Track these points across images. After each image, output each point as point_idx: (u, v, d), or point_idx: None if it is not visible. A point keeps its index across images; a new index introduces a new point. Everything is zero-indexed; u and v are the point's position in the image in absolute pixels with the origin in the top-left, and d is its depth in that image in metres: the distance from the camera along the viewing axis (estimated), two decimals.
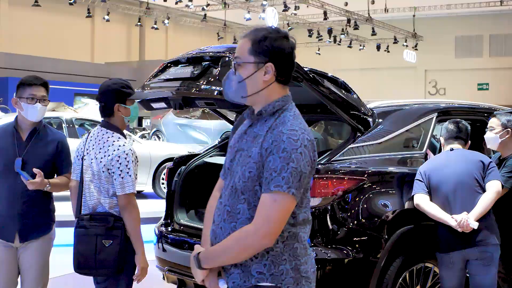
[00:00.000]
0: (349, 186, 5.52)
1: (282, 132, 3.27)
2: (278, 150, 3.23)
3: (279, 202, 3.22)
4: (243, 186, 3.33)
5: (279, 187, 3.21)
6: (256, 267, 3.33)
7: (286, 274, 3.34)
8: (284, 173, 3.21)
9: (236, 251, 3.29)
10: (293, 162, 3.21)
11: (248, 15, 32.03)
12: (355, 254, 5.45)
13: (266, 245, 3.27)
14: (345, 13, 33.53)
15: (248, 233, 3.25)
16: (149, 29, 35.21)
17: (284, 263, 3.35)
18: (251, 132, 3.43)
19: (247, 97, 3.44)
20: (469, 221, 5.56)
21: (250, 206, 3.33)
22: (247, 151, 3.37)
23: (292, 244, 3.38)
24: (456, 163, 5.84)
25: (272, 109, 3.40)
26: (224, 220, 3.40)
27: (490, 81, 40.43)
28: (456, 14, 39.83)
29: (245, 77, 3.40)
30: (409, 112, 6.49)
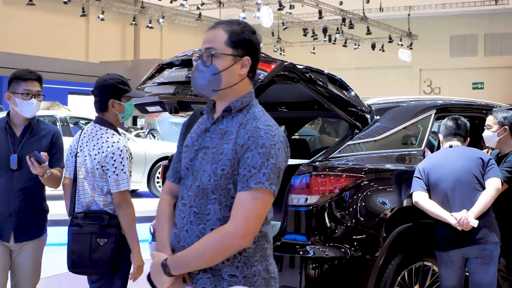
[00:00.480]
0: (347, 184, 5.46)
1: (258, 128, 3.15)
2: (257, 146, 3.10)
3: (260, 199, 3.09)
4: (215, 185, 3.17)
5: (261, 183, 3.07)
6: (228, 269, 3.18)
7: (258, 276, 3.22)
8: (265, 169, 3.08)
9: (212, 254, 3.12)
10: (272, 158, 3.09)
11: (243, 14, 31.97)
12: (353, 252, 5.38)
13: (245, 245, 3.14)
14: (340, 12, 33.49)
15: (227, 233, 3.09)
16: (144, 28, 35.17)
17: (256, 264, 3.23)
18: (216, 129, 3.28)
19: (219, 91, 3.28)
20: (469, 219, 5.50)
21: (221, 206, 3.18)
22: (215, 148, 3.21)
23: (263, 244, 3.27)
24: (455, 160, 5.79)
25: (241, 105, 3.28)
26: (191, 222, 3.22)
27: (485, 80, 40.47)
28: (451, 13, 39.85)
29: (222, 69, 3.25)
30: (408, 109, 6.45)
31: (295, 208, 5.36)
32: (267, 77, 5.12)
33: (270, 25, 30.70)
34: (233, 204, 3.14)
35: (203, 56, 3.29)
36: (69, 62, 31.53)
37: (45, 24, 33.70)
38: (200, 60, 3.30)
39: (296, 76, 5.35)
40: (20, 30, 32.61)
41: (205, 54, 3.28)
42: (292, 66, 5.30)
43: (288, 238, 5.38)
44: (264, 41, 40.59)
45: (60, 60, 30.99)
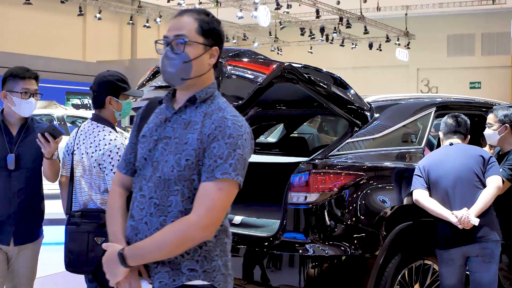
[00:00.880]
0: (347, 182, 5.41)
1: (225, 118, 3.11)
2: (224, 136, 3.06)
3: (225, 190, 3.05)
4: (178, 176, 3.10)
5: (227, 174, 3.03)
6: (188, 263, 3.11)
7: (218, 271, 3.18)
8: (231, 159, 3.04)
9: (173, 244, 3.03)
10: (239, 148, 3.07)
11: (240, 13, 31.93)
12: (353, 251, 5.34)
13: (207, 237, 3.07)
14: (338, 11, 33.45)
15: (189, 224, 3.02)
16: (141, 27, 35.10)
17: (217, 258, 3.18)
18: (179, 119, 3.21)
19: (187, 80, 3.22)
20: (470, 218, 5.46)
21: (184, 198, 3.11)
22: (179, 138, 3.14)
23: (223, 239, 3.24)
24: (455, 157, 5.75)
25: (205, 95, 3.23)
26: (151, 214, 3.14)
27: (482, 79, 40.45)
28: (448, 13, 39.82)
29: (193, 57, 3.19)
30: (407, 107, 6.41)
31: (295, 206, 5.32)
32: (265, 79, 5.10)
33: (268, 25, 30.65)
34: (197, 194, 3.08)
35: (173, 43, 3.22)
36: (66, 62, 31.48)
37: (42, 24, 33.64)
38: (169, 47, 3.22)
39: (295, 77, 5.32)
40: (17, 30, 32.55)
41: (176, 41, 3.21)
42: (290, 67, 5.26)
43: (287, 237, 5.34)
44: (261, 40, 40.61)
45: (57, 60, 30.94)
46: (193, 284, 3.12)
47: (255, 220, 5.96)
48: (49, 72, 27.82)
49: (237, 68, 5.26)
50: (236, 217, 6.04)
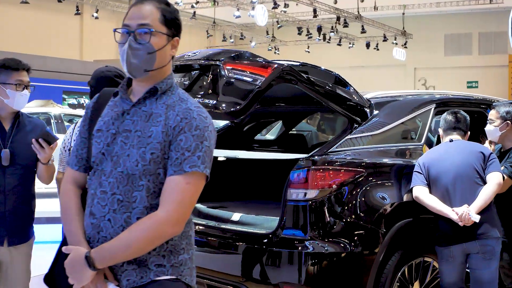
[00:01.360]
0: (346, 178, 5.39)
1: (190, 109, 3.06)
2: (191, 127, 3.01)
3: (194, 183, 3.02)
4: (143, 171, 3.01)
5: (196, 167, 3.00)
6: (155, 259, 3.05)
7: (185, 265, 3.13)
8: (199, 152, 3.00)
9: (143, 242, 2.96)
10: (206, 140, 3.03)
11: (237, 12, 31.91)
12: (353, 248, 5.31)
13: (177, 232, 3.03)
14: (335, 11, 33.43)
15: (158, 220, 2.95)
16: None
17: (183, 252, 3.13)
18: (138, 112, 3.11)
19: (150, 71, 3.11)
20: (470, 214, 5.44)
21: (149, 193, 3.03)
22: (141, 131, 3.05)
23: (188, 232, 3.19)
24: (455, 154, 5.73)
25: (166, 86, 3.16)
26: (114, 210, 3.04)
27: (480, 79, 40.43)
28: (446, 12, 39.77)
29: (158, 48, 3.10)
30: (407, 103, 6.39)
31: (294, 203, 5.29)
32: (264, 82, 5.08)
33: (265, 24, 30.67)
34: (163, 189, 3.02)
35: (136, 32, 3.10)
36: (63, 61, 31.38)
37: (39, 23, 33.56)
38: (132, 36, 3.10)
39: (294, 78, 5.31)
40: (14, 28, 32.48)
41: (139, 31, 3.09)
42: (289, 69, 5.25)
43: (286, 234, 5.30)
44: (258, 39, 40.58)
45: (54, 59, 30.85)
46: (161, 279, 3.07)
47: (253, 217, 5.94)
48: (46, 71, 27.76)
49: (235, 71, 5.22)
50: (235, 214, 6.01)
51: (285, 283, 5.23)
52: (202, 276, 5.75)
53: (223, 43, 40.57)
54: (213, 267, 5.70)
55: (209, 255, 5.79)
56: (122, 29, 3.15)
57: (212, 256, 5.77)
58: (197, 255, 5.83)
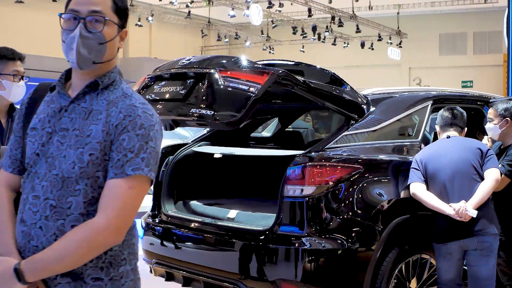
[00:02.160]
0: (343, 174, 5.37)
1: (134, 106, 2.78)
2: (135, 126, 2.72)
3: (137, 188, 2.71)
4: (80, 173, 2.70)
5: (140, 170, 2.69)
6: (91, 272, 2.73)
7: (127, 277, 2.82)
8: (143, 153, 2.71)
9: (79, 253, 2.65)
10: (151, 140, 2.74)
11: (232, 12, 31.87)
12: (350, 244, 5.29)
13: (118, 242, 2.73)
14: (330, 10, 33.41)
15: (97, 228, 2.65)
16: (133, 26, 34.98)
17: (124, 263, 2.82)
18: (77, 108, 2.81)
19: (98, 64, 2.83)
20: (467, 210, 5.41)
21: (86, 199, 2.71)
22: (79, 130, 2.75)
23: (130, 240, 2.86)
24: (453, 150, 5.71)
25: (108, 80, 2.86)
26: (47, 217, 2.71)
27: (474, 78, 40.47)
28: (440, 12, 39.81)
29: (109, 39, 2.82)
30: (404, 100, 6.38)
31: (291, 199, 5.27)
32: (260, 90, 5.06)
33: (260, 23, 30.64)
34: (103, 193, 2.71)
35: (87, 20, 2.80)
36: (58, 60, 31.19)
37: (34, 22, 33.51)
38: (82, 24, 2.79)
39: (290, 83, 5.30)
40: (9, 28, 32.43)
41: (90, 18, 2.80)
42: (285, 74, 5.24)
43: (283, 230, 5.29)
44: (253, 39, 40.54)
45: (49, 58, 30.79)
46: None
47: (250, 214, 5.92)
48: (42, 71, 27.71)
49: (231, 79, 5.20)
50: (231, 211, 5.99)
51: (282, 280, 5.21)
52: (199, 274, 5.74)
53: (217, 42, 40.54)
54: (210, 264, 5.68)
55: (206, 252, 5.78)
56: (69, 14, 2.84)
57: (209, 253, 5.75)
58: (194, 252, 5.88)
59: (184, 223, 6.10)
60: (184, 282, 5.96)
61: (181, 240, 6.00)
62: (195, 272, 5.80)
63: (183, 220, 6.15)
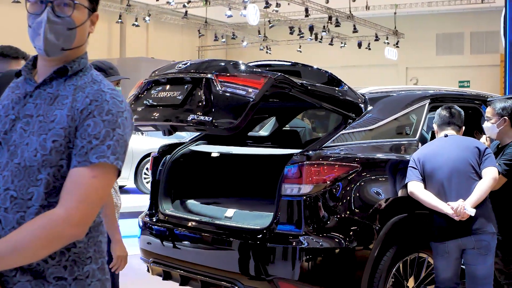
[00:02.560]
0: (341, 173, 5.37)
1: (102, 91, 2.59)
2: (101, 111, 2.53)
3: (101, 177, 2.50)
4: (42, 162, 2.52)
5: (105, 157, 2.49)
6: (54, 270, 2.54)
7: (93, 277, 2.63)
8: (110, 140, 2.51)
9: (36, 245, 2.43)
10: (119, 127, 2.54)
11: (229, 12, 31.87)
12: (347, 243, 5.29)
13: (79, 235, 2.51)
14: (327, 10, 33.40)
15: (56, 219, 2.43)
16: (130, 26, 34.97)
17: (90, 262, 2.63)
18: (43, 94, 2.63)
19: (67, 51, 2.66)
20: (465, 208, 5.41)
21: (48, 189, 2.53)
22: (43, 116, 2.57)
23: (96, 237, 2.68)
24: (451, 149, 5.70)
25: (78, 66, 2.69)
26: (6, 209, 2.53)
27: (471, 78, 40.49)
28: (437, 12, 39.83)
29: (79, 24, 2.65)
30: (402, 99, 6.38)
31: (288, 198, 5.27)
32: (258, 95, 5.07)
33: (257, 23, 30.65)
34: (65, 182, 2.51)
35: (55, 3, 2.63)
36: None
37: None
38: (50, 8, 2.62)
39: (288, 86, 5.31)
40: (5, 28, 32.40)
41: (58, 2, 2.64)
42: (282, 77, 5.25)
43: (281, 229, 5.29)
44: (250, 39, 40.54)
45: None
46: None
47: (248, 213, 5.92)
48: None
49: (228, 84, 5.21)
50: (229, 210, 5.99)
51: (280, 278, 5.21)
52: (196, 273, 5.74)
53: (214, 42, 40.55)
54: (207, 263, 5.68)
55: (203, 251, 5.78)
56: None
57: (206, 252, 5.75)
58: (191, 251, 5.88)
59: (181, 222, 6.10)
60: (181, 281, 5.96)
61: (178, 239, 6.00)
62: (192, 271, 5.80)
63: (181, 219, 6.15)
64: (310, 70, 6.08)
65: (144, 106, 5.73)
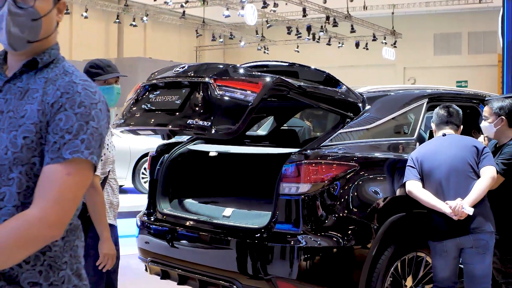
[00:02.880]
0: (339, 172, 5.36)
1: (74, 82, 2.42)
2: (73, 104, 2.36)
3: (76, 174, 2.34)
4: (13, 160, 2.37)
5: (79, 153, 2.33)
6: (28, 276, 2.39)
7: (68, 283, 2.47)
8: (83, 134, 2.35)
9: (8, 249, 2.26)
10: (93, 120, 2.38)
11: (227, 12, 31.90)
12: (345, 242, 5.29)
13: (55, 236, 2.34)
14: (324, 10, 33.46)
15: (30, 221, 2.27)
16: (128, 26, 35.02)
17: (65, 267, 2.47)
18: (13, 88, 2.48)
19: (34, 43, 2.51)
20: (464, 207, 5.40)
21: (21, 189, 2.38)
22: (13, 111, 2.42)
23: (73, 241, 2.52)
24: (449, 148, 5.69)
25: (49, 58, 2.54)
26: None
27: (469, 78, 40.52)
28: (435, 12, 39.87)
29: (44, 13, 2.49)
30: (400, 98, 6.38)
31: (286, 197, 5.27)
32: (256, 99, 5.08)
33: (254, 23, 30.67)
34: (38, 181, 2.36)
35: None
36: None
37: None
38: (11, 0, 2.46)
39: (286, 88, 5.32)
40: None
41: None
42: (280, 80, 5.25)
43: (279, 228, 5.28)
44: (248, 39, 40.56)
45: None
46: None
47: (246, 212, 5.91)
48: None
49: (226, 88, 5.21)
50: (227, 209, 5.99)
51: (278, 277, 5.21)
52: (194, 272, 5.73)
53: (212, 42, 40.55)
54: (205, 262, 5.67)
55: (201, 251, 5.77)
56: None
57: (204, 252, 5.75)
58: (189, 250, 5.87)
59: (179, 221, 6.10)
60: (179, 280, 5.95)
61: (176, 238, 5.99)
62: (190, 270, 5.80)
63: (178, 218, 6.15)
64: (307, 70, 6.08)
65: (143, 110, 5.73)
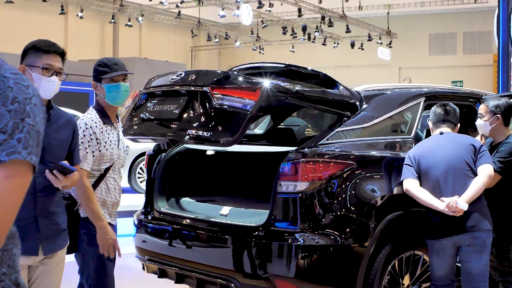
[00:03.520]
0: (336, 171, 5.37)
1: (4, 77, 2.16)
2: (6, 100, 2.12)
3: (14, 177, 2.12)
4: None
5: (16, 153, 2.10)
6: None
7: None
8: (19, 133, 2.11)
9: None
10: (28, 117, 2.14)
11: (222, 12, 31.89)
12: (343, 240, 5.29)
13: None
14: (320, 10, 33.44)
15: None
16: (123, 26, 34.97)
17: (4, 278, 2.22)
18: None
19: None
20: (457, 203, 5.39)
21: None
22: None
23: (11, 250, 2.28)
24: (446, 146, 5.70)
25: None
26: None
27: (464, 78, 40.56)
28: (430, 12, 39.91)
29: None
30: (397, 96, 6.38)
31: (284, 195, 5.27)
32: (254, 107, 5.09)
33: (250, 23, 30.67)
34: None
35: None
36: None
37: (24, 22, 33.40)
38: None
39: (283, 94, 5.32)
40: None
41: None
42: (278, 87, 5.28)
43: (276, 226, 5.29)
44: (243, 39, 40.54)
45: None
46: None
47: (243, 210, 5.92)
48: None
49: (224, 97, 5.23)
50: (224, 208, 5.99)
51: (276, 275, 5.21)
52: (192, 270, 5.73)
53: (207, 42, 40.53)
54: (203, 260, 5.67)
55: (199, 249, 5.77)
56: None
57: (202, 250, 5.75)
58: (187, 249, 5.87)
59: (176, 220, 6.10)
60: (177, 279, 5.96)
61: (173, 237, 5.99)
62: (188, 268, 5.79)
63: (176, 217, 6.15)
64: (303, 71, 6.10)
65: (141, 120, 5.75)
